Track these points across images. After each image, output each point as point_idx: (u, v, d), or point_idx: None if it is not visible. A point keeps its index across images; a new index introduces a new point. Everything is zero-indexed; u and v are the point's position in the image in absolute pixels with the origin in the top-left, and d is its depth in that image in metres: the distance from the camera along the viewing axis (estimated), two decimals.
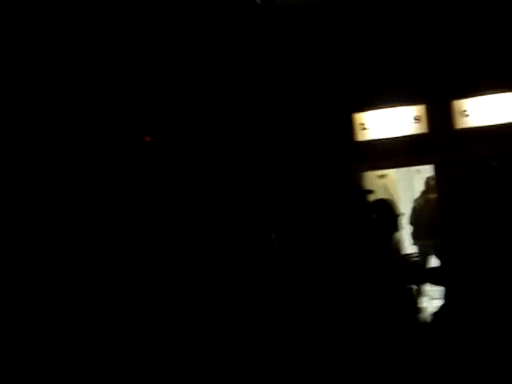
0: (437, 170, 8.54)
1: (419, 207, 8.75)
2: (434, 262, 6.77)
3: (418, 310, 5.38)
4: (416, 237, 8.55)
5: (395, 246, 5.65)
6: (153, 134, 9.20)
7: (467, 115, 8.38)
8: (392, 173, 9.17)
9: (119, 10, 8.72)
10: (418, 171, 9.71)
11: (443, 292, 7.24)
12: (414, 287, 5.46)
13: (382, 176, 8.83)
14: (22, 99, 8.08)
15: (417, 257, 7.03)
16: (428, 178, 8.84)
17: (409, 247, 8.06)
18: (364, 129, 8.83)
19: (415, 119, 8.61)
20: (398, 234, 5.67)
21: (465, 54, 8.30)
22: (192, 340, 5.04)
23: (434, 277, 6.59)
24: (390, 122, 8.72)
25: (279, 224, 6.34)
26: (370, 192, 6.28)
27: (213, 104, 9.12)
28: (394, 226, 5.29)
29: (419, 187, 9.40)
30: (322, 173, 8.64)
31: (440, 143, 8.47)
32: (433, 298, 7.10)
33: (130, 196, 8.37)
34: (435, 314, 5.31)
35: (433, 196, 8.66)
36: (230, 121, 9.12)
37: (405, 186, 9.77)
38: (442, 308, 5.35)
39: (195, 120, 9.13)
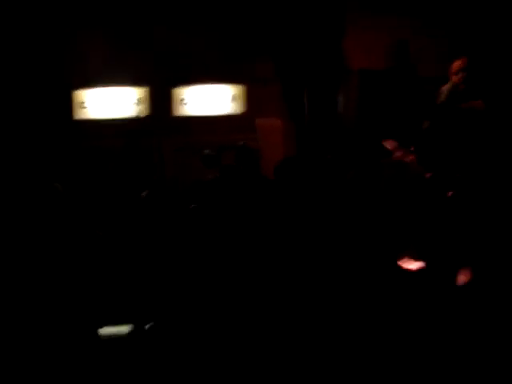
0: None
1: None
2: None
3: None
4: None
5: None
6: None
7: (185, 103, 8.72)
8: None
9: None
10: None
11: None
12: None
13: None
14: None
15: None
16: None
17: None
18: (84, 107, 8.63)
19: (137, 101, 8.68)
20: None
21: (187, 45, 8.61)
22: None
23: None
24: (110, 101, 8.64)
25: None
26: None
27: None
28: None
29: None
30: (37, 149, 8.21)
31: (158, 128, 8.68)
32: None
33: None
34: None
35: None
36: None
37: None
38: None
39: None
